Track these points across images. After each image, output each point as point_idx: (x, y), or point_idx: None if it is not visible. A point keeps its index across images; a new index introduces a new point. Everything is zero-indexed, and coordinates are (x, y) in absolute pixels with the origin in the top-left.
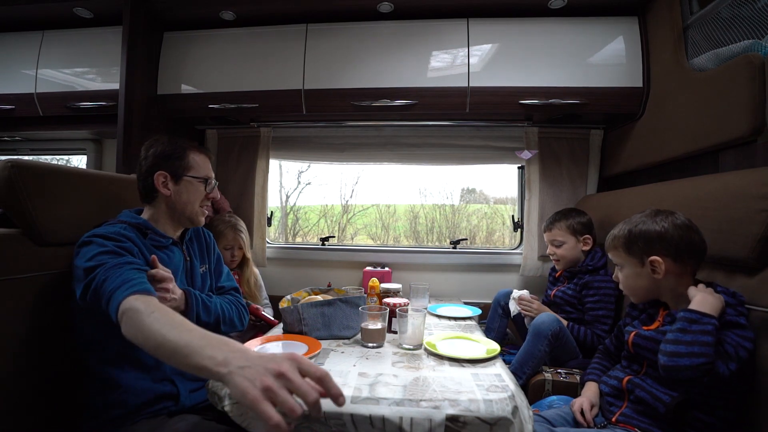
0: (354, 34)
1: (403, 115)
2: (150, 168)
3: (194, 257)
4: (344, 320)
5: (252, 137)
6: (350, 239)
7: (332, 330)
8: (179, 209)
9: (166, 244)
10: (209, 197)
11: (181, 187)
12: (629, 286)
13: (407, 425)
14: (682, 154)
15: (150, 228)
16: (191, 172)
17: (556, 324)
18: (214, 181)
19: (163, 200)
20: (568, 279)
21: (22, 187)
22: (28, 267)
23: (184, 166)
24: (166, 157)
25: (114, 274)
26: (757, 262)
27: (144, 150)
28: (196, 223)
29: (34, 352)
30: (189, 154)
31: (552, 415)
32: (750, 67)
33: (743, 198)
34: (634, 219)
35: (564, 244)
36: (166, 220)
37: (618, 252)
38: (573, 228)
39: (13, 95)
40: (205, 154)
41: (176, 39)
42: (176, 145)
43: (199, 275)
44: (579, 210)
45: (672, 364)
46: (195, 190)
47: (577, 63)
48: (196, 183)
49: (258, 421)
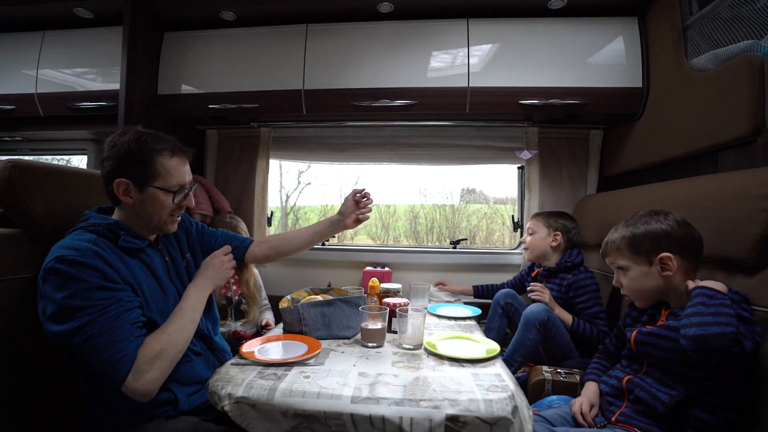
0: (354, 34)
1: (403, 115)
2: (110, 173)
3: (173, 250)
4: (344, 320)
5: (252, 137)
6: (350, 239)
7: (332, 330)
8: (145, 219)
9: (141, 247)
10: (181, 206)
11: (145, 196)
12: (636, 289)
13: (407, 425)
14: (682, 154)
15: (123, 229)
16: (158, 181)
17: (544, 313)
18: (187, 189)
19: (128, 207)
20: (546, 278)
21: (22, 187)
22: (28, 267)
23: (150, 173)
24: (130, 160)
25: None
26: (757, 262)
27: (107, 146)
28: (165, 231)
29: (35, 352)
30: (157, 159)
31: (552, 415)
32: (749, 67)
33: (743, 198)
34: (633, 221)
35: (535, 234)
36: (137, 224)
37: (621, 254)
38: (548, 223)
39: (14, 95)
40: (180, 156)
41: (176, 39)
42: (144, 146)
43: (184, 270)
44: (569, 215)
45: (702, 332)
46: (162, 202)
47: (577, 63)
48: (162, 194)
49: (258, 421)
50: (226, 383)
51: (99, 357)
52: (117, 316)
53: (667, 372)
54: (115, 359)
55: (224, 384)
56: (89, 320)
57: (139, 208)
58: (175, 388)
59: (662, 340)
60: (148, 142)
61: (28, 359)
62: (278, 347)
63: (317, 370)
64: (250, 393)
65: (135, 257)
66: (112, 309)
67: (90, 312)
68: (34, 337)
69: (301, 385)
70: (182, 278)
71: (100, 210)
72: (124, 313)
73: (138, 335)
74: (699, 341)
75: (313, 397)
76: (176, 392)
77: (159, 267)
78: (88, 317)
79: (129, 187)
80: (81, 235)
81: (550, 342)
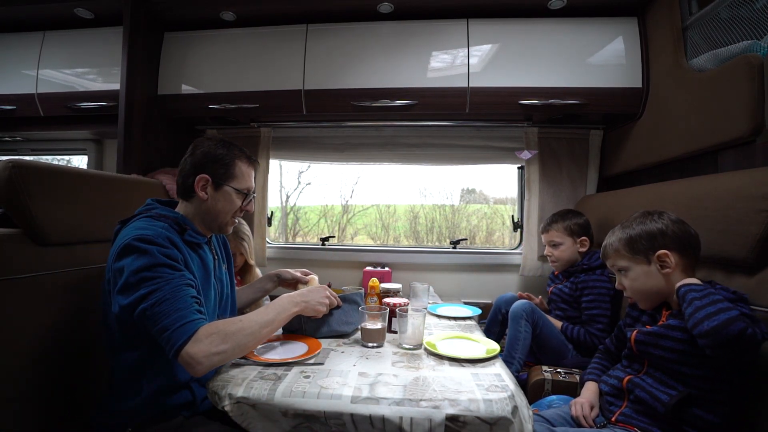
0: (354, 34)
1: (403, 116)
2: (194, 167)
3: (220, 256)
4: (343, 316)
5: (252, 137)
6: (350, 239)
7: (332, 325)
8: (212, 216)
9: (201, 243)
10: (243, 209)
11: (219, 194)
12: (638, 289)
13: (407, 425)
14: (681, 154)
15: (188, 225)
16: (234, 182)
17: (528, 306)
18: (253, 194)
19: (199, 202)
20: (565, 277)
21: (23, 187)
22: (28, 267)
23: (229, 174)
24: (214, 160)
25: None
26: (756, 262)
27: (193, 146)
28: (223, 232)
29: (35, 351)
30: (237, 162)
31: (552, 415)
32: (749, 67)
33: (743, 198)
34: (628, 222)
35: (561, 245)
36: (199, 220)
37: (620, 255)
38: (570, 229)
39: (14, 95)
40: (253, 165)
41: (176, 39)
42: (226, 150)
43: (225, 275)
44: (576, 211)
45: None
46: (231, 201)
47: (577, 63)
48: (234, 195)
49: (258, 421)
50: (226, 383)
51: (163, 322)
52: (179, 288)
53: (668, 371)
54: (177, 324)
55: (224, 384)
56: (155, 288)
57: (211, 204)
58: (196, 389)
59: (663, 339)
60: (230, 147)
61: (29, 359)
62: (278, 347)
63: (317, 370)
64: (251, 393)
65: (195, 252)
66: (175, 281)
67: (156, 282)
68: (34, 336)
69: (301, 385)
70: (222, 283)
71: (161, 203)
72: (185, 287)
73: (198, 310)
74: (716, 333)
75: (313, 397)
76: (196, 392)
77: (210, 263)
78: (154, 286)
79: (207, 184)
80: (151, 222)
81: (542, 335)
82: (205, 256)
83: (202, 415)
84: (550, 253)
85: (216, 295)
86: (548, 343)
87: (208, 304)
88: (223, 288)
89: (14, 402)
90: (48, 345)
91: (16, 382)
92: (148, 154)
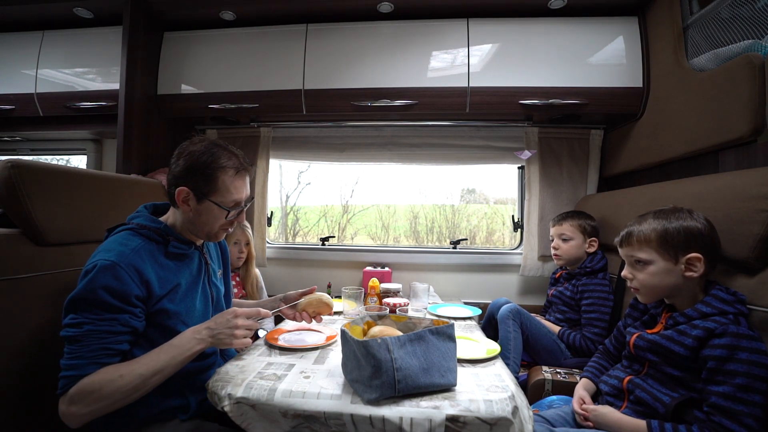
0: (354, 34)
1: (403, 116)
2: (175, 179)
3: (212, 261)
4: (442, 360)
5: (252, 137)
6: (350, 239)
7: (432, 376)
8: (197, 227)
9: (185, 252)
10: (233, 222)
11: (201, 207)
12: (651, 285)
13: (407, 425)
14: (682, 154)
15: (172, 235)
16: (216, 196)
17: (513, 307)
18: (243, 205)
19: (183, 212)
20: (567, 280)
21: (22, 187)
22: (27, 267)
23: (210, 188)
24: (195, 171)
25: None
26: (757, 262)
27: (176, 154)
28: (213, 240)
29: (34, 351)
30: (220, 176)
31: (552, 415)
32: (750, 67)
33: (743, 198)
34: (663, 214)
35: (571, 240)
36: (187, 229)
37: (648, 246)
38: (584, 228)
39: (13, 95)
40: (242, 174)
41: (176, 39)
42: (210, 159)
43: (218, 281)
44: (587, 213)
45: None
46: (215, 216)
47: (577, 63)
48: (217, 209)
49: (258, 422)
50: (226, 383)
51: (63, 359)
52: (99, 336)
53: (668, 375)
54: (67, 372)
55: (224, 384)
56: (76, 323)
57: (194, 216)
58: (190, 395)
59: (662, 348)
60: (216, 157)
61: (28, 359)
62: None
63: (317, 370)
64: (250, 393)
65: (181, 260)
66: (97, 325)
67: (79, 318)
68: (34, 336)
69: (301, 385)
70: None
71: (155, 208)
72: (107, 336)
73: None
74: None
75: (313, 397)
76: (190, 399)
77: (196, 271)
78: (76, 320)
79: (189, 197)
80: (128, 238)
81: (531, 336)
82: (191, 262)
83: (199, 418)
84: (557, 246)
85: (209, 302)
86: (539, 343)
87: (194, 311)
88: (218, 295)
89: (12, 402)
90: (47, 345)
91: (14, 381)
92: (147, 154)
